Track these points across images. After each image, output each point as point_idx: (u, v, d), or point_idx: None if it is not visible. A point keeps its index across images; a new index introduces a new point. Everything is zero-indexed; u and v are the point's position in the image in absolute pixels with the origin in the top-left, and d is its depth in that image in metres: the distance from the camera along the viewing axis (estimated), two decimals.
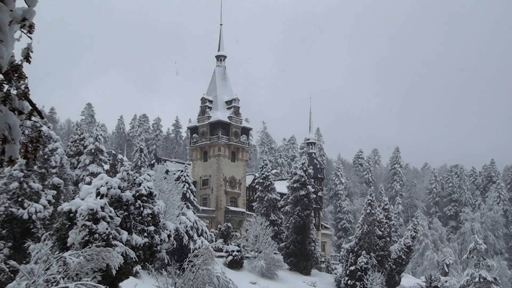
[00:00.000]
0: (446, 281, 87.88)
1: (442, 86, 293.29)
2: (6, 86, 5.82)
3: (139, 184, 37.16)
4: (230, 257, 73.27)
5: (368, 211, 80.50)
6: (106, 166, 74.91)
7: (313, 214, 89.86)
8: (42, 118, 6.84)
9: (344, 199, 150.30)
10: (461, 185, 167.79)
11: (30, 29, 5.90)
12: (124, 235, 34.50)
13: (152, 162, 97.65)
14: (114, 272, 29.66)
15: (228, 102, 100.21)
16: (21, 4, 5.89)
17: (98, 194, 34.95)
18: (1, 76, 5.76)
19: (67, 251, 30.08)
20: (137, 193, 36.64)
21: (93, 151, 68.77)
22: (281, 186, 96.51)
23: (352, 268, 76.78)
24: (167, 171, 72.67)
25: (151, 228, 36.19)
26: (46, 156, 48.71)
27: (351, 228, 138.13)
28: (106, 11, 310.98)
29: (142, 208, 36.37)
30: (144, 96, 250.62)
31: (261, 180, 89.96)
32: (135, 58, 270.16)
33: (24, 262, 34.43)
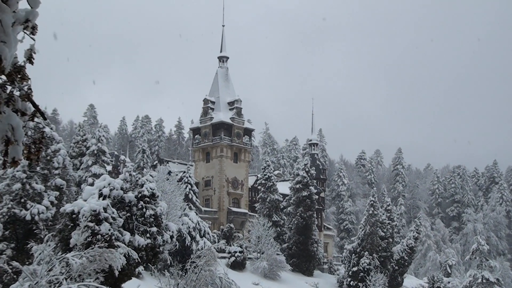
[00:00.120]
0: (449, 282, 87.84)
1: (445, 87, 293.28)
2: (9, 88, 5.83)
3: (142, 185, 37.17)
4: (233, 258, 73.26)
5: (371, 212, 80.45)
6: (109, 167, 75.06)
7: (316, 215, 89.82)
8: (45, 120, 6.86)
9: (347, 200, 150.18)
10: (464, 186, 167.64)
11: (33, 31, 5.91)
12: (127, 236, 34.52)
13: (155, 163, 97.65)
14: (117, 273, 29.65)
15: (231, 103, 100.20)
16: (24, 6, 5.90)
17: (101, 195, 34.97)
18: (4, 78, 5.77)
19: (70, 252, 30.09)
20: (140, 194, 36.66)
21: (96, 152, 68.81)
22: (284, 187, 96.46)
23: (355, 269, 76.74)
24: (170, 172, 72.67)
25: (154, 229, 36.19)
26: (49, 157, 48.79)
27: (354, 229, 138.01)
28: (109, 13, 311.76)
29: (145, 209, 36.38)
30: (147, 97, 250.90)
31: (264, 181, 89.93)
32: (138, 59, 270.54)
33: (27, 263, 34.51)
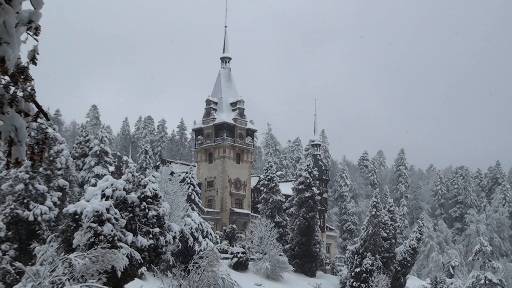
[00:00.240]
0: (452, 283, 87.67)
1: (447, 87, 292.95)
2: (13, 88, 5.84)
3: (144, 186, 37.19)
4: (235, 259, 73.23)
5: (373, 213, 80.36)
6: (111, 168, 75.14)
7: (318, 216, 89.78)
8: (48, 120, 6.87)
9: (349, 201, 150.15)
10: (467, 187, 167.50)
11: (36, 31, 5.92)
12: (129, 237, 34.53)
13: (157, 164, 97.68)
14: (120, 274, 29.67)
15: (233, 104, 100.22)
16: (27, 7, 5.90)
17: (103, 196, 34.99)
18: (8, 78, 5.78)
19: (73, 253, 30.11)
20: (142, 195, 36.68)
21: (98, 153, 68.87)
22: (286, 188, 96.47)
23: (357, 270, 76.69)
24: (172, 173, 72.69)
25: (156, 230, 36.21)
26: (52, 158, 48.84)
27: (356, 230, 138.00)
28: (111, 14, 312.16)
29: (147, 210, 36.39)
30: (149, 98, 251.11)
31: (266, 182, 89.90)
32: (140, 60, 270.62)
33: (30, 264, 34.52)
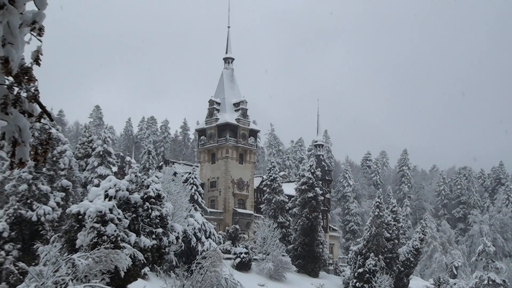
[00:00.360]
0: (455, 284, 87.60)
1: (450, 87, 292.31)
2: (16, 89, 5.85)
3: (147, 186, 37.23)
4: (238, 259, 73.25)
5: (376, 213, 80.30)
6: (114, 168, 75.18)
7: (321, 216, 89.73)
8: (52, 121, 6.88)
9: (352, 201, 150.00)
10: (470, 187, 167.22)
11: (40, 32, 5.92)
12: (133, 237, 34.57)
13: (160, 164, 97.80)
14: (123, 274, 29.70)
15: (236, 104, 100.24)
16: (31, 7, 5.92)
17: (107, 196, 35.03)
18: (12, 79, 5.79)
19: (76, 253, 30.15)
20: (145, 195, 36.72)
21: (101, 153, 68.94)
22: (289, 188, 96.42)
23: (360, 270, 76.62)
24: (175, 173, 72.72)
25: (159, 230, 36.24)
26: (55, 158, 48.93)
27: (359, 230, 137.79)
28: (114, 14, 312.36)
29: (150, 210, 36.43)
30: (152, 99, 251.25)
31: (269, 182, 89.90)
32: (143, 61, 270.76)
33: (33, 264, 34.56)
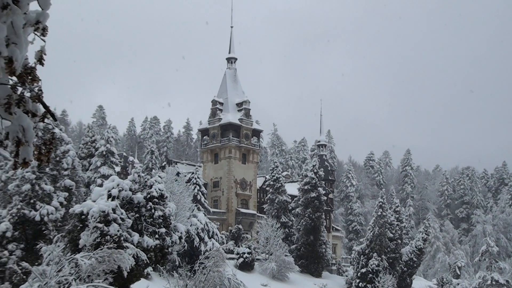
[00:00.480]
0: (458, 284, 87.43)
1: (452, 87, 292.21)
2: (20, 89, 5.85)
3: (150, 186, 37.24)
4: (241, 259, 73.24)
5: (379, 213, 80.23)
6: (117, 168, 75.22)
7: (324, 216, 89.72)
8: (55, 121, 6.89)
9: (355, 201, 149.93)
10: (473, 187, 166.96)
11: (44, 32, 5.92)
12: (136, 237, 34.59)
13: (163, 164, 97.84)
14: (126, 274, 29.70)
15: (239, 104, 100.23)
16: (35, 7, 5.92)
17: (110, 196, 35.05)
18: (15, 79, 5.79)
19: (79, 253, 30.17)
20: (148, 195, 36.74)
21: (105, 153, 69.00)
22: (292, 188, 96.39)
23: (363, 271, 76.56)
24: (178, 173, 72.78)
25: (162, 230, 36.25)
26: (58, 158, 49.00)
27: (362, 230, 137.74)
28: (117, 14, 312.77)
29: (153, 210, 36.44)
30: (155, 99, 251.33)
31: (272, 182, 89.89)
32: (146, 61, 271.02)
33: (36, 264, 34.61)
